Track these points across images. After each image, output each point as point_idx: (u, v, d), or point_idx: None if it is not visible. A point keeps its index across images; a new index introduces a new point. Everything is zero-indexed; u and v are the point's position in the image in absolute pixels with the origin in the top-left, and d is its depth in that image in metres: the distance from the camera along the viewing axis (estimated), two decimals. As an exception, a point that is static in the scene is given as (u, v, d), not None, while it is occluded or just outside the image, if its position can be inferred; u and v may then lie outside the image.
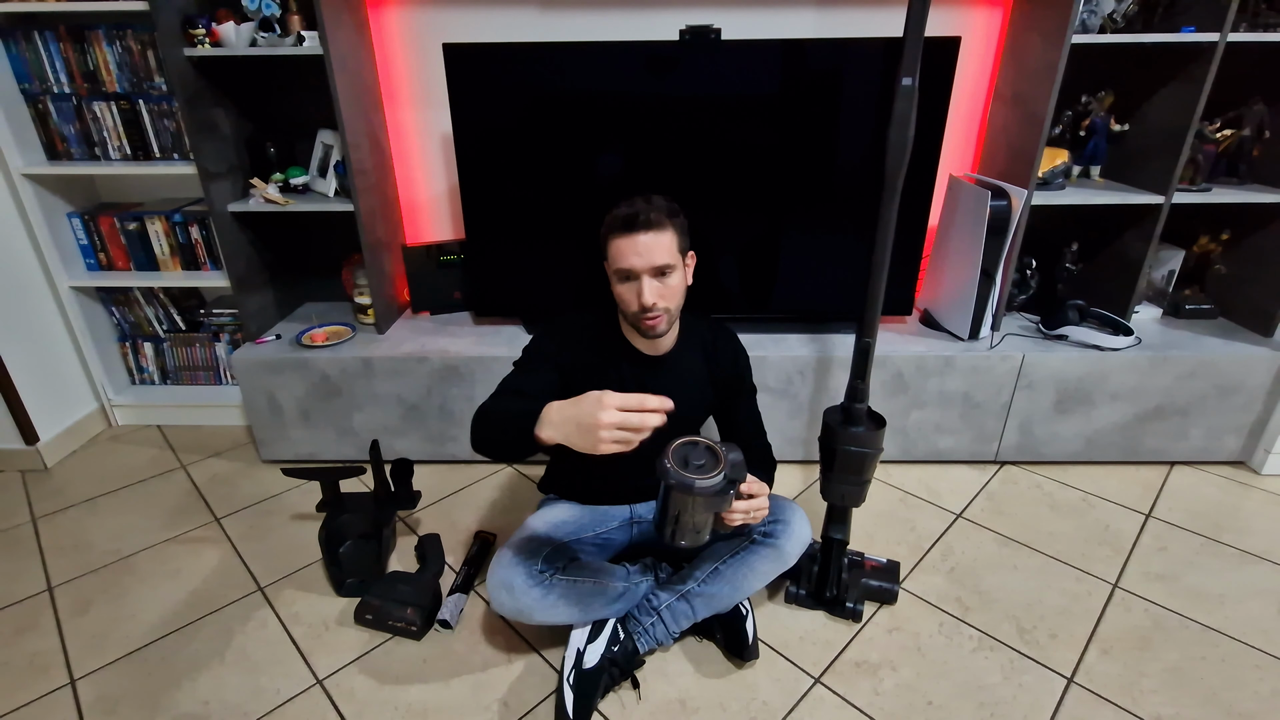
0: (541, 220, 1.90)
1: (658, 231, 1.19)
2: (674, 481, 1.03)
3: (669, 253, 1.21)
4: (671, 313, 1.26)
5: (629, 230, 1.19)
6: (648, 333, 1.25)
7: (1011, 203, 1.72)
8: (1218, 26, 1.60)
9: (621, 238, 1.20)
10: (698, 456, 1.07)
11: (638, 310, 1.22)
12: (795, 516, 1.36)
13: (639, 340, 1.33)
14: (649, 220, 1.18)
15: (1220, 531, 1.72)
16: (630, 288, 1.22)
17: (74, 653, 1.40)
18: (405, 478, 1.66)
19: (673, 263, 1.21)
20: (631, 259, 1.19)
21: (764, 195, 1.85)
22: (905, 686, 1.30)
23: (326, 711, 1.26)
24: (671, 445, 1.06)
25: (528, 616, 1.25)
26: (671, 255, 1.21)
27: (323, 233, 2.15)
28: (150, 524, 1.79)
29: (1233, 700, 1.27)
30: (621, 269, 1.21)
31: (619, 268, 1.21)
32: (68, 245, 2.07)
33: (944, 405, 1.90)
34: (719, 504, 1.09)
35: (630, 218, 1.19)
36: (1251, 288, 1.95)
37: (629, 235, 1.19)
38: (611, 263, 1.23)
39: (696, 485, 1.02)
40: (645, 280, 1.20)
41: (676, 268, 1.23)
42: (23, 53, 1.88)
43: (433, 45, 1.92)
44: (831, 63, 1.73)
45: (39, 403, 2.03)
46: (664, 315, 1.23)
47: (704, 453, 1.07)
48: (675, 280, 1.23)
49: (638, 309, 1.22)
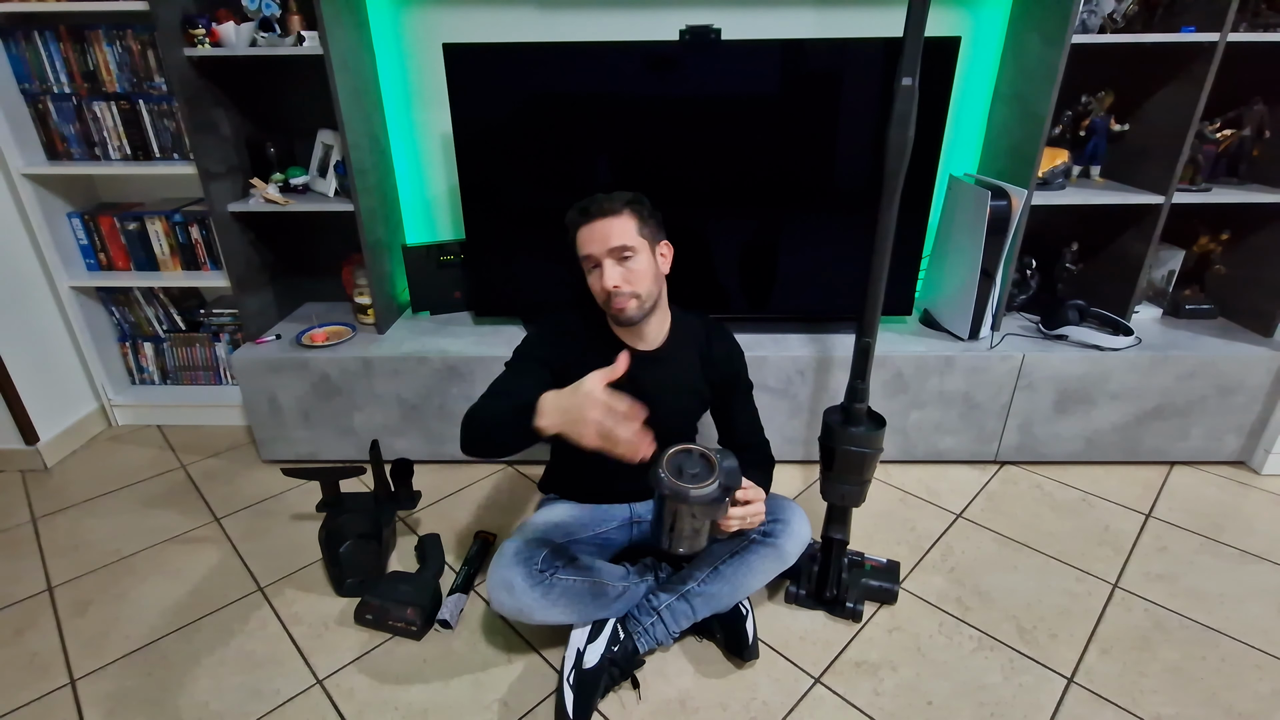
0: (541, 220, 1.90)
1: (612, 216, 1.24)
2: (668, 491, 1.03)
3: (626, 234, 1.24)
4: (641, 298, 1.27)
5: (585, 218, 1.25)
6: (618, 317, 1.29)
7: (1011, 203, 1.72)
8: (1218, 26, 1.60)
9: (581, 228, 1.26)
10: (692, 465, 1.07)
11: (605, 296, 1.26)
12: (795, 516, 1.36)
13: (629, 335, 1.34)
14: (602, 208, 1.24)
15: (1220, 531, 1.72)
16: (596, 275, 1.27)
17: (74, 653, 1.40)
18: (405, 478, 1.66)
19: (633, 244, 1.24)
20: (590, 245, 1.25)
21: (764, 195, 1.85)
22: (905, 686, 1.30)
23: (326, 711, 1.26)
24: (665, 454, 1.06)
25: (528, 616, 1.25)
26: (630, 238, 1.24)
27: (323, 233, 2.15)
28: (150, 524, 1.79)
29: (1233, 700, 1.27)
30: (585, 255, 1.27)
31: (583, 255, 1.27)
32: (68, 245, 2.07)
33: (944, 405, 1.90)
34: (714, 511, 1.09)
35: (585, 207, 1.26)
36: (1251, 288, 1.95)
37: (586, 224, 1.25)
38: (579, 249, 1.28)
39: (691, 494, 1.02)
40: (606, 264, 1.24)
41: (639, 251, 1.26)
42: (23, 53, 1.88)
43: (433, 45, 1.91)
44: (831, 63, 1.73)
45: (39, 403, 2.03)
46: (632, 299, 1.26)
47: (698, 460, 1.07)
48: (640, 265, 1.26)
49: (604, 295, 1.26)
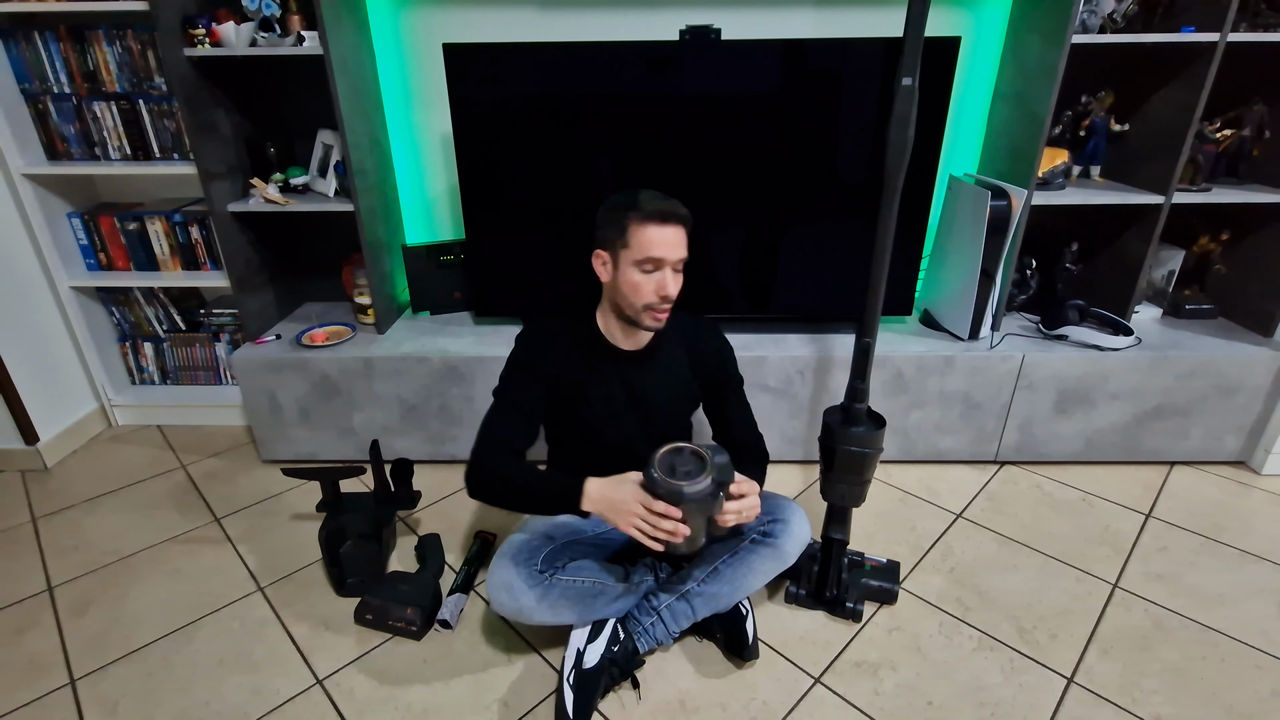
0: (541, 220, 1.91)
1: (683, 227, 1.23)
2: (662, 491, 1.04)
3: (686, 247, 1.25)
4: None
5: (664, 221, 1.20)
6: (653, 326, 1.27)
7: (1011, 203, 1.72)
8: (1218, 26, 1.60)
9: (653, 227, 1.20)
10: (684, 463, 1.08)
11: (654, 301, 1.23)
12: (794, 515, 1.36)
13: (619, 337, 1.34)
14: (680, 215, 1.22)
15: (1220, 531, 1.72)
16: (651, 279, 1.22)
17: (74, 653, 1.40)
18: (405, 478, 1.66)
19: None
20: (663, 249, 1.20)
21: (764, 195, 1.85)
22: (905, 686, 1.30)
23: (326, 711, 1.26)
24: (656, 454, 1.08)
25: (528, 617, 1.25)
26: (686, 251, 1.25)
27: (323, 233, 2.15)
28: (150, 524, 1.79)
29: (1233, 700, 1.27)
30: (651, 258, 1.20)
31: (648, 256, 1.20)
32: (68, 245, 2.07)
33: (944, 405, 1.90)
34: (709, 507, 1.10)
35: (666, 211, 1.20)
36: (1251, 288, 1.95)
37: (662, 226, 1.20)
38: (635, 251, 1.21)
39: (685, 491, 1.04)
40: (669, 272, 1.22)
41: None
42: (23, 53, 1.88)
43: (433, 45, 1.92)
44: (831, 63, 1.73)
45: (39, 403, 2.03)
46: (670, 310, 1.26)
47: (689, 458, 1.09)
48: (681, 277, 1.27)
49: (656, 299, 1.23)
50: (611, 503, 1.14)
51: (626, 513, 1.12)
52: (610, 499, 1.14)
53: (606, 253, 1.25)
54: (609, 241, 1.24)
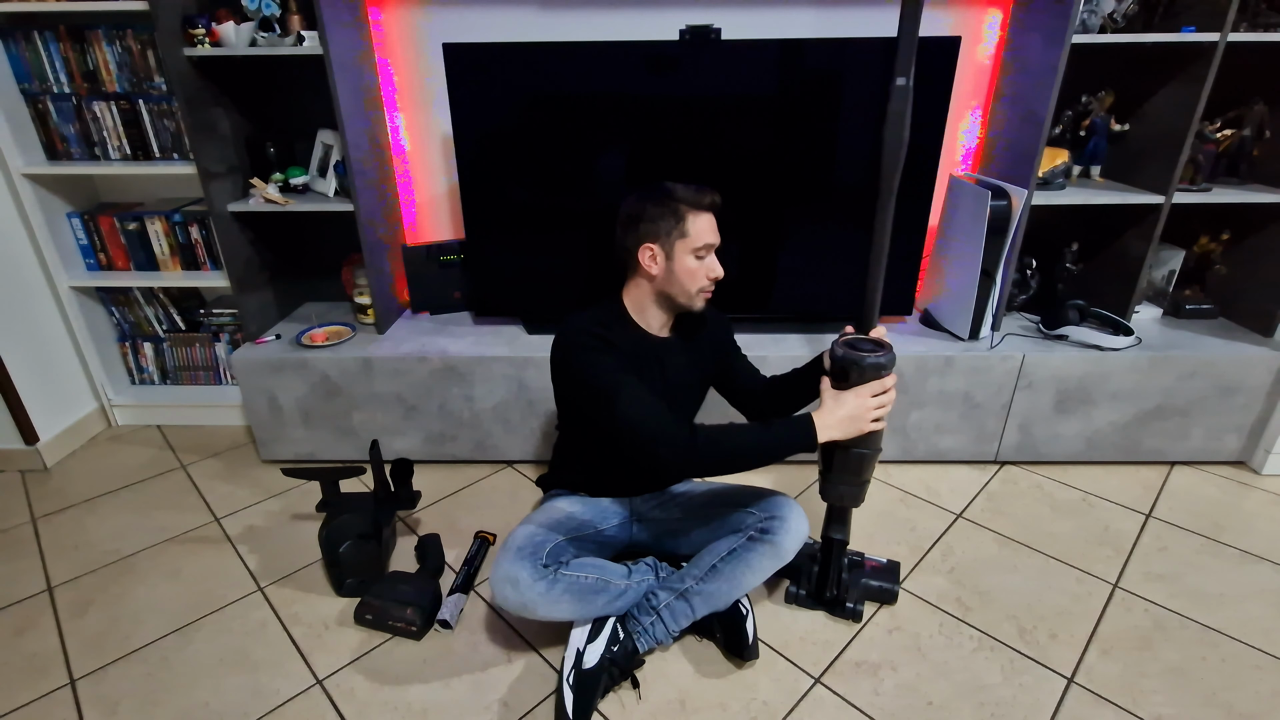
0: (541, 220, 1.90)
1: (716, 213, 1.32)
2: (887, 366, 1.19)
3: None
4: None
5: (712, 209, 1.30)
6: (701, 307, 1.35)
7: (1011, 203, 1.72)
8: (1218, 26, 1.60)
9: (706, 215, 1.29)
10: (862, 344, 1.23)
11: (706, 284, 1.31)
12: (792, 513, 1.35)
13: (653, 324, 1.38)
14: (716, 203, 1.30)
15: (1220, 531, 1.72)
16: (703, 264, 1.30)
17: (74, 653, 1.40)
18: (405, 478, 1.66)
19: None
20: (714, 234, 1.30)
21: (764, 195, 1.85)
22: (905, 686, 1.30)
23: (326, 711, 1.26)
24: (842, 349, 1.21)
25: (531, 611, 1.25)
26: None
27: (323, 233, 2.15)
28: (150, 524, 1.79)
29: (1233, 700, 1.27)
30: (707, 244, 1.29)
31: (705, 243, 1.28)
32: (68, 245, 2.07)
33: (944, 405, 1.90)
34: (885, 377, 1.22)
35: (714, 200, 1.30)
36: (1251, 288, 1.95)
37: (709, 214, 1.30)
38: (694, 239, 1.28)
39: (868, 361, 1.18)
40: (713, 256, 1.31)
41: None
42: (23, 53, 1.88)
43: (433, 45, 1.92)
44: (831, 62, 1.73)
45: (39, 403, 2.03)
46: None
47: (862, 342, 1.23)
48: None
49: (707, 282, 1.31)
50: (850, 420, 1.19)
51: (866, 415, 1.19)
52: (843, 419, 1.19)
53: (656, 245, 1.29)
54: (663, 234, 1.28)
